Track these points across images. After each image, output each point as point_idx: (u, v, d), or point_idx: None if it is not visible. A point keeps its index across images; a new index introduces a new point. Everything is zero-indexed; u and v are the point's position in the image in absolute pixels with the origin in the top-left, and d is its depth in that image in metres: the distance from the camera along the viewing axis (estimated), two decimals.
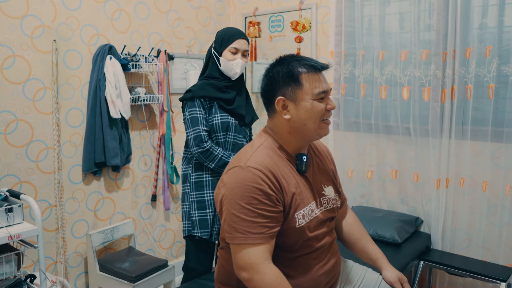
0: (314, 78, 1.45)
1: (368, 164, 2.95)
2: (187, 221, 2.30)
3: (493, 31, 2.43)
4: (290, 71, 1.46)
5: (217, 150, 2.16)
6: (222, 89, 2.25)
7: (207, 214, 2.24)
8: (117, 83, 2.67)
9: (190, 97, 2.20)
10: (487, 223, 2.54)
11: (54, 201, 2.58)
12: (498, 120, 2.47)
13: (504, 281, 2.29)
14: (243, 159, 1.45)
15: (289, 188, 1.44)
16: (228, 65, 2.23)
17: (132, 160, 2.94)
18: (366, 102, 2.90)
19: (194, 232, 2.25)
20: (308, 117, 1.45)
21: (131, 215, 3.00)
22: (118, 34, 2.81)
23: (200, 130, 2.15)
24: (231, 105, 2.26)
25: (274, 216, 1.38)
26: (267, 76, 1.53)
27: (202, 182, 2.25)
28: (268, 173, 1.39)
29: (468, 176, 2.57)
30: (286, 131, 1.50)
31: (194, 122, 2.17)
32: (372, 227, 2.63)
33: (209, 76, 2.27)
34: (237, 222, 1.37)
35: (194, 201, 2.26)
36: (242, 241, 1.36)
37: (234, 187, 1.39)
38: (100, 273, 2.64)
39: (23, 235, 1.99)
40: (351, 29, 2.92)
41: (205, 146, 2.14)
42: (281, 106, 1.47)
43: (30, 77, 2.42)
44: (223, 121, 2.23)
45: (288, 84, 1.46)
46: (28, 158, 2.45)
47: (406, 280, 1.67)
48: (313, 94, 1.44)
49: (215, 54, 2.26)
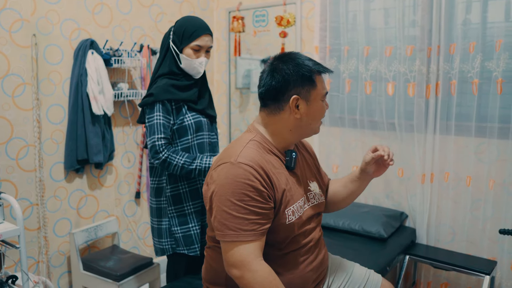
0: (322, 80, 1.49)
1: (353, 159, 2.96)
2: (168, 239, 2.06)
3: (476, 27, 2.44)
4: (308, 71, 1.44)
5: (175, 159, 1.91)
6: (184, 88, 2.02)
7: (191, 229, 2.04)
8: (99, 79, 2.62)
9: (151, 102, 1.95)
10: (471, 218, 2.57)
11: (36, 200, 2.52)
12: (481, 115, 2.49)
13: (488, 274, 2.32)
14: (233, 155, 1.42)
15: (280, 185, 1.43)
16: (190, 64, 1.99)
17: (115, 157, 2.89)
18: (351, 98, 2.90)
19: (179, 250, 2.04)
20: (316, 116, 1.48)
21: (114, 213, 2.95)
22: (99, 28, 2.75)
23: (156, 139, 1.92)
24: (197, 104, 2.05)
25: (265, 213, 1.37)
26: (277, 73, 1.46)
27: (180, 194, 2.03)
28: (259, 169, 1.38)
29: (452, 171, 2.60)
30: (287, 128, 1.48)
31: (151, 131, 1.93)
32: (358, 223, 2.64)
33: (170, 72, 2.01)
34: (228, 219, 1.34)
35: (174, 216, 2.04)
36: (234, 238, 1.34)
37: (225, 183, 1.36)
38: (83, 272, 2.59)
39: (4, 235, 1.93)
40: (335, 25, 2.91)
41: (160, 157, 1.91)
42: (295, 105, 1.45)
43: (8, 72, 2.35)
44: (196, 120, 2.02)
45: (304, 84, 1.44)
46: (7, 155, 2.38)
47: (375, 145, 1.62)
48: (321, 95, 1.47)
49: (174, 49, 2.01)
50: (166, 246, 2.07)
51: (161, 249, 2.09)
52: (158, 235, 2.09)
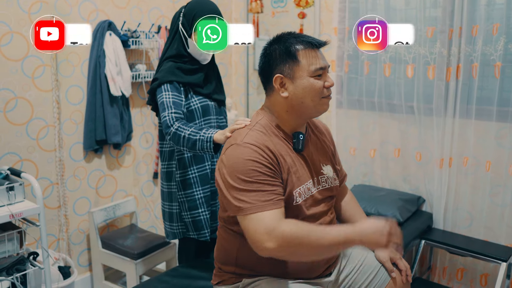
0: (311, 55, 1.44)
1: (371, 143, 2.93)
2: (179, 223, 2.07)
3: (501, 7, 2.36)
4: (287, 48, 1.44)
5: (183, 130, 1.79)
6: (189, 71, 1.98)
7: (200, 214, 2.03)
8: (117, 60, 2.64)
9: (157, 85, 1.92)
10: (489, 203, 2.53)
11: (56, 179, 2.58)
12: (503, 99, 2.43)
13: (505, 261, 2.29)
14: (239, 137, 1.44)
15: (286, 166, 1.44)
16: (197, 50, 1.93)
17: (133, 137, 2.93)
18: (370, 80, 2.85)
19: (189, 235, 2.05)
20: (306, 94, 1.44)
21: (133, 193, 3.00)
22: (117, 10, 2.76)
23: (166, 114, 1.84)
24: (203, 88, 2.01)
25: (277, 184, 1.38)
26: (264, 54, 1.51)
27: (190, 179, 2.01)
28: (265, 149, 1.39)
29: (472, 156, 2.55)
30: (283, 109, 1.48)
31: (161, 109, 1.87)
32: (374, 206, 2.63)
33: (178, 55, 1.97)
34: (245, 195, 1.34)
35: (184, 201, 2.03)
36: (255, 210, 1.33)
37: (233, 163, 1.38)
38: (102, 250, 2.66)
39: (25, 213, 1.99)
40: (355, 5, 2.86)
41: (171, 131, 1.81)
42: (279, 83, 1.46)
43: (28, 54, 2.39)
44: (202, 104, 1.99)
45: (285, 61, 1.44)
46: (28, 136, 2.44)
47: (398, 257, 1.65)
48: (310, 71, 1.43)
49: (182, 32, 1.95)
50: (176, 230, 2.08)
51: (172, 233, 2.10)
52: (169, 219, 2.10)
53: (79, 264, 2.76)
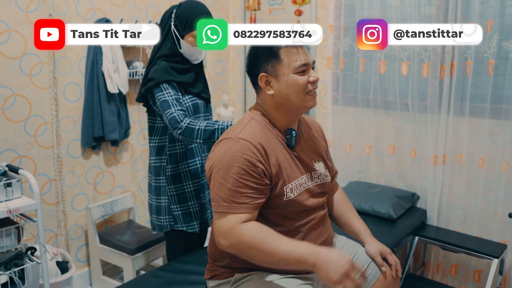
0: (293, 52, 1.46)
1: (366, 139, 2.95)
2: (167, 216, 2.10)
3: (494, 5, 2.37)
4: (269, 47, 1.48)
5: (197, 124, 1.88)
6: (182, 71, 2.03)
7: (190, 207, 2.09)
8: (114, 58, 2.66)
9: (154, 84, 1.96)
10: (483, 200, 2.55)
11: (54, 175, 2.62)
12: (497, 97, 2.44)
13: (497, 258, 2.31)
14: (234, 132, 1.48)
15: (277, 162, 1.47)
16: (190, 51, 2.00)
17: (130, 134, 2.96)
18: (365, 77, 2.87)
19: (177, 227, 2.10)
20: (290, 91, 1.47)
21: (130, 189, 3.03)
22: (114, 7, 2.78)
23: (173, 111, 1.90)
24: (193, 88, 2.08)
25: (259, 188, 1.41)
26: (249, 54, 1.54)
27: (180, 174, 2.07)
28: (257, 145, 1.42)
29: (465, 153, 2.57)
30: (272, 107, 1.52)
31: (166, 106, 1.92)
32: (368, 203, 2.65)
33: (171, 54, 2.02)
34: (223, 191, 1.39)
35: (173, 195, 2.08)
36: (226, 209, 1.39)
37: (223, 157, 1.42)
38: (100, 245, 2.70)
39: (22, 209, 2.02)
40: (351, 2, 2.87)
41: (182, 125, 1.87)
42: (264, 82, 1.50)
43: (26, 52, 2.42)
44: (193, 103, 2.05)
45: (269, 60, 1.48)
46: (26, 133, 2.47)
47: (388, 252, 1.68)
48: (292, 68, 1.46)
49: (175, 32, 2.00)
50: (164, 223, 2.12)
51: (159, 226, 2.14)
52: (156, 212, 2.13)
53: (77, 259, 2.80)
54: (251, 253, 1.37)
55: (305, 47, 1.50)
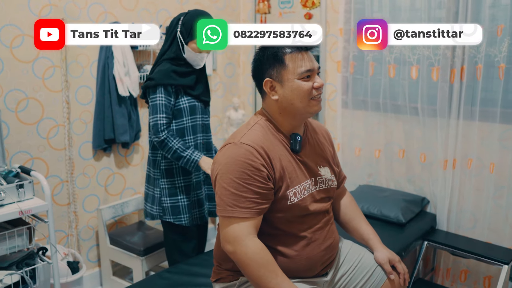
0: (298, 58, 1.47)
1: (375, 143, 2.94)
2: (158, 207, 2.27)
3: (506, 8, 2.35)
4: (274, 52, 1.49)
5: (172, 142, 2.10)
6: (183, 74, 2.17)
7: (179, 200, 2.23)
8: (125, 61, 2.70)
9: (153, 85, 2.12)
10: (493, 205, 2.52)
11: (66, 177, 2.66)
12: (507, 101, 2.42)
13: (507, 264, 2.28)
14: (237, 136, 1.49)
15: (281, 166, 1.48)
16: (193, 57, 2.15)
17: (141, 136, 2.99)
18: (375, 81, 2.87)
19: (166, 218, 2.25)
20: (295, 97, 1.48)
21: (141, 190, 3.07)
22: (126, 12, 2.82)
23: (158, 119, 2.10)
24: (194, 90, 2.21)
25: (263, 193, 1.42)
26: (255, 59, 1.55)
27: (172, 169, 2.22)
28: (260, 150, 1.44)
29: (476, 158, 2.55)
30: (276, 112, 1.53)
31: (154, 110, 2.11)
32: (377, 207, 2.64)
33: (175, 58, 2.16)
34: (227, 195, 1.41)
35: (165, 187, 2.24)
36: (230, 214, 1.41)
37: (227, 162, 1.44)
38: (110, 246, 2.73)
39: (34, 210, 2.06)
40: (360, 6, 2.87)
41: (160, 136, 2.09)
42: (269, 87, 1.51)
43: (39, 56, 2.46)
44: (190, 104, 2.19)
45: (274, 65, 1.49)
46: (39, 135, 2.52)
47: (397, 260, 1.68)
48: (297, 74, 1.46)
49: (180, 39, 2.14)
50: (155, 213, 2.28)
51: (150, 214, 2.31)
52: (151, 201, 2.30)
53: (88, 259, 2.84)
54: (246, 270, 1.41)
55: (310, 53, 1.51)
